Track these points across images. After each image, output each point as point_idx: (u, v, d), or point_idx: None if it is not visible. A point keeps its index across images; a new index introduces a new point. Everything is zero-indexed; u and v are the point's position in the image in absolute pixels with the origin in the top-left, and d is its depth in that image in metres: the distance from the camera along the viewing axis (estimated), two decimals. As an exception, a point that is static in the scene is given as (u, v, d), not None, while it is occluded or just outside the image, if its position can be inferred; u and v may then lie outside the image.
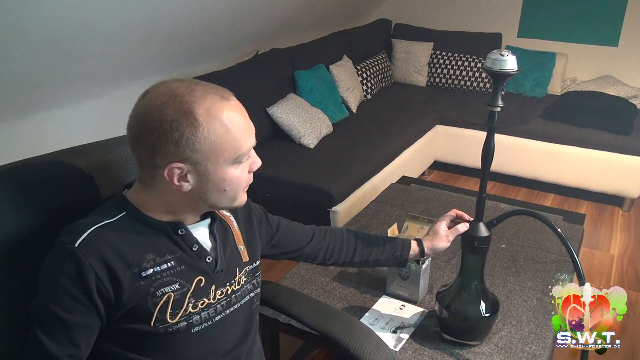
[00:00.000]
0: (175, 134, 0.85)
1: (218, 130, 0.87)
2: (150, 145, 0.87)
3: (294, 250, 1.25)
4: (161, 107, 0.85)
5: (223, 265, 1.00)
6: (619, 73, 3.88)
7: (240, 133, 0.90)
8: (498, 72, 1.12)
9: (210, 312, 0.98)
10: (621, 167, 3.24)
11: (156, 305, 0.91)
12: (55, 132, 2.29)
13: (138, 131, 0.88)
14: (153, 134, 0.86)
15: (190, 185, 0.90)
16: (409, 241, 1.32)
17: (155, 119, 0.85)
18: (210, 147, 0.87)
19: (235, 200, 0.96)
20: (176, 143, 0.85)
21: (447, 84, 4.14)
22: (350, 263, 1.32)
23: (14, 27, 1.68)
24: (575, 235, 1.84)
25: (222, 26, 2.74)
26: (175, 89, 0.87)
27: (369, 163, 2.89)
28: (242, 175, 0.94)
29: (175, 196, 0.92)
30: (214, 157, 0.88)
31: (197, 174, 0.89)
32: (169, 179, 0.88)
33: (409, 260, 1.33)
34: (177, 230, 0.95)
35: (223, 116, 0.87)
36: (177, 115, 0.85)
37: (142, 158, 0.90)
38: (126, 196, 0.95)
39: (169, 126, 0.85)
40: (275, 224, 1.22)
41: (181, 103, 0.85)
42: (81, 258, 0.85)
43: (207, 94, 0.88)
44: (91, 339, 0.90)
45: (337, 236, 1.31)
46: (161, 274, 0.92)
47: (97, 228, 0.89)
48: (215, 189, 0.91)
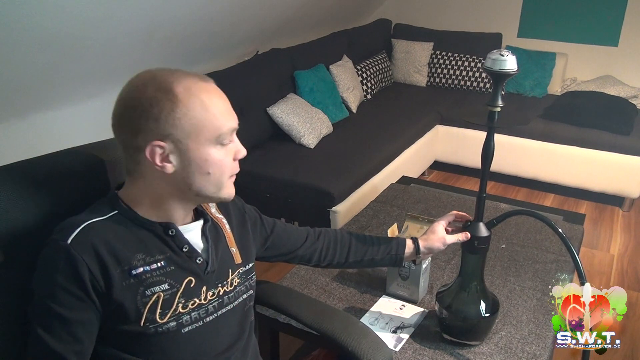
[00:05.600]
0: (154, 110, 0.87)
1: (197, 107, 0.89)
2: (132, 124, 0.88)
3: (288, 252, 1.25)
4: (141, 87, 0.88)
5: (214, 266, 1.00)
6: (619, 73, 3.88)
7: (220, 113, 0.91)
8: (498, 72, 1.12)
9: (201, 313, 0.98)
10: (621, 167, 3.24)
11: (146, 305, 0.91)
12: (55, 132, 2.29)
13: (121, 113, 0.90)
14: (134, 112, 0.87)
15: (173, 167, 0.90)
16: (404, 240, 1.31)
17: (135, 97, 0.88)
18: (190, 123, 0.88)
19: (221, 189, 0.95)
20: (156, 119, 0.87)
21: (447, 84, 4.14)
22: (345, 264, 1.31)
23: (14, 27, 1.68)
24: (575, 235, 1.84)
25: (222, 26, 2.74)
26: (155, 72, 0.90)
27: (369, 163, 2.89)
28: (226, 159, 0.94)
29: (161, 184, 0.92)
30: (195, 134, 0.89)
31: (179, 154, 0.90)
32: (151, 159, 0.89)
33: (404, 259, 1.31)
34: (168, 231, 0.95)
35: (202, 95, 0.89)
36: (157, 92, 0.87)
37: (126, 142, 0.91)
38: (118, 194, 0.96)
39: (148, 103, 0.87)
40: (270, 225, 1.22)
41: (161, 82, 0.88)
42: (74, 254, 0.85)
43: (187, 76, 0.90)
44: (93, 334, 0.90)
45: (331, 237, 1.30)
46: (151, 273, 0.92)
47: (89, 224, 0.89)
48: (198, 170, 0.91)
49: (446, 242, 1.29)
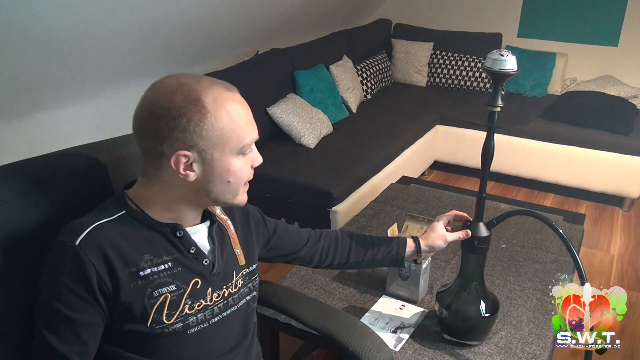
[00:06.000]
0: (183, 120, 0.86)
1: (224, 118, 0.89)
2: (158, 132, 0.87)
3: (290, 252, 1.25)
4: (170, 95, 0.87)
5: (220, 268, 1.00)
6: (619, 73, 3.88)
7: (245, 124, 0.92)
8: (498, 72, 1.12)
9: (207, 314, 0.98)
10: (621, 167, 3.24)
11: (153, 306, 0.91)
12: (55, 132, 2.28)
13: (146, 119, 0.88)
14: (161, 121, 0.87)
15: (195, 175, 0.91)
16: (404, 239, 1.31)
17: (164, 105, 0.87)
18: (217, 134, 0.88)
19: (237, 196, 0.97)
20: (184, 129, 0.87)
21: (447, 84, 4.14)
22: (346, 264, 1.32)
23: (14, 27, 1.68)
24: (575, 235, 1.84)
25: (222, 26, 2.74)
26: (182, 79, 0.89)
27: (369, 163, 2.89)
28: (245, 168, 0.95)
29: (179, 189, 0.93)
30: (220, 145, 0.89)
31: (203, 163, 0.90)
32: (175, 168, 0.89)
33: (405, 259, 1.31)
34: (176, 232, 0.95)
35: (229, 105, 0.90)
36: (185, 102, 0.87)
37: (148, 147, 0.90)
38: (127, 194, 0.95)
39: (177, 112, 0.86)
40: (272, 226, 1.22)
41: (189, 91, 0.87)
42: (82, 256, 0.85)
43: (214, 85, 0.90)
44: (98, 335, 0.90)
45: (331, 238, 1.30)
46: (158, 274, 0.92)
47: (97, 226, 0.89)
48: (219, 179, 0.92)
49: (447, 240, 1.29)
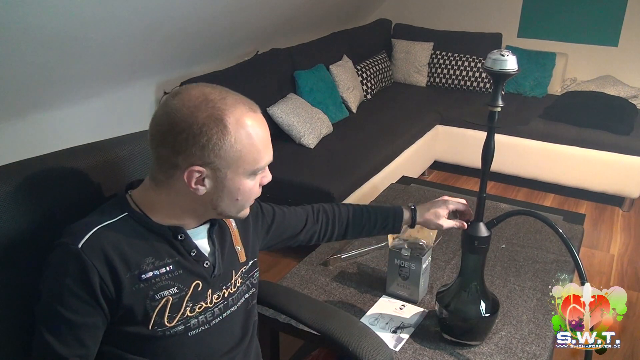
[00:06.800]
0: (204, 138, 0.86)
1: (244, 140, 0.88)
2: (176, 145, 0.87)
3: (289, 237, 1.27)
4: (193, 110, 0.86)
5: (220, 270, 1.01)
6: (619, 73, 3.88)
7: (263, 146, 0.92)
8: (498, 72, 1.12)
9: (208, 316, 0.99)
10: (621, 167, 3.24)
11: (154, 309, 0.91)
12: (55, 132, 2.29)
13: (166, 129, 0.88)
14: (181, 135, 0.86)
15: (205, 190, 0.91)
16: (401, 212, 1.34)
17: (186, 120, 0.86)
18: (234, 155, 0.88)
19: (242, 211, 0.98)
20: (203, 147, 0.86)
21: (447, 84, 4.14)
22: (344, 238, 1.37)
23: (14, 27, 1.68)
24: (575, 235, 1.84)
25: (222, 26, 2.74)
26: (208, 94, 0.88)
27: (369, 163, 2.89)
28: (255, 187, 0.96)
29: (186, 200, 0.93)
30: (235, 166, 0.89)
31: (215, 180, 0.90)
32: (187, 181, 0.89)
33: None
34: (177, 235, 0.95)
35: (250, 128, 0.89)
36: (209, 120, 0.86)
37: (163, 156, 0.90)
38: (132, 195, 0.95)
39: (199, 129, 0.86)
40: (270, 214, 1.23)
41: (213, 109, 0.87)
42: (85, 259, 0.85)
43: (238, 104, 0.89)
44: (98, 338, 0.90)
45: (329, 215, 1.33)
46: (160, 277, 0.92)
47: (100, 229, 0.89)
48: (228, 197, 0.93)
49: (442, 227, 1.32)
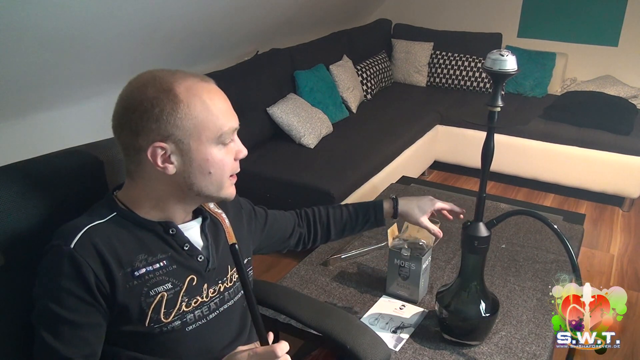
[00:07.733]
0: (155, 110, 0.86)
1: (198, 107, 0.89)
2: (133, 125, 0.88)
3: (279, 240, 1.29)
4: (142, 88, 0.88)
5: (215, 263, 1.01)
6: (619, 73, 3.88)
7: (221, 112, 0.91)
8: (498, 72, 1.12)
9: (204, 311, 0.99)
10: (621, 167, 3.24)
11: (150, 305, 0.91)
12: (55, 132, 2.29)
13: (121, 114, 0.89)
14: (135, 114, 0.87)
15: (174, 168, 0.90)
16: (380, 204, 1.36)
17: (136, 98, 0.87)
18: (192, 123, 0.88)
19: (222, 188, 0.96)
20: (157, 119, 0.87)
21: (447, 84, 4.14)
22: (328, 240, 1.39)
23: (14, 27, 1.68)
24: (575, 235, 1.84)
25: (222, 26, 2.74)
26: (156, 73, 0.90)
27: (369, 163, 2.89)
28: (227, 159, 0.94)
29: (161, 185, 0.92)
30: (196, 134, 0.89)
31: (181, 154, 0.90)
32: (152, 160, 0.89)
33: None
34: (168, 230, 0.95)
35: (203, 95, 0.90)
36: (157, 92, 0.87)
37: (126, 143, 0.91)
38: (117, 196, 0.96)
39: (149, 103, 0.87)
40: (263, 217, 1.24)
41: (161, 83, 0.88)
42: (78, 258, 0.85)
43: (188, 76, 0.91)
44: (101, 337, 0.90)
45: (310, 218, 1.35)
46: (154, 273, 0.92)
47: (90, 228, 0.89)
48: (199, 170, 0.92)
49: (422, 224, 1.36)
